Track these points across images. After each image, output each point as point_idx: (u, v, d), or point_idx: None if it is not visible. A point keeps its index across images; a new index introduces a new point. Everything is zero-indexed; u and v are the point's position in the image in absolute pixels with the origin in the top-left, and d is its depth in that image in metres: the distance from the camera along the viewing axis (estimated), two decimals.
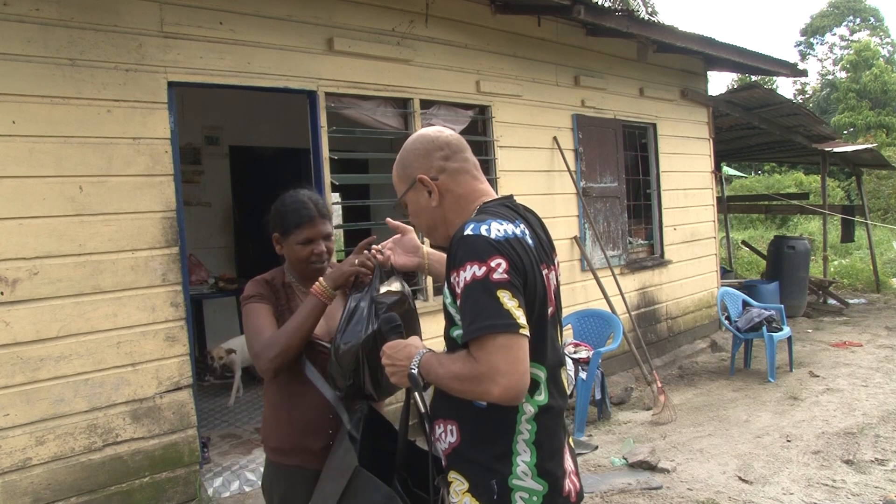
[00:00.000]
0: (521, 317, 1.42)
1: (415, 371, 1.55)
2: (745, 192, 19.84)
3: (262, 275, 2.24)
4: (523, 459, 1.54)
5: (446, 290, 1.55)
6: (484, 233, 1.48)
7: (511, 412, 1.54)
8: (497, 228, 1.49)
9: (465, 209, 1.65)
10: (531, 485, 1.53)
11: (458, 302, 1.48)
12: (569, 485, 1.62)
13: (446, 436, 1.60)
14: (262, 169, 7.22)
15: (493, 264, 1.43)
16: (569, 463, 1.65)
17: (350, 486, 1.76)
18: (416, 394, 1.61)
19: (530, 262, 1.52)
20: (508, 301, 1.42)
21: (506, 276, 1.43)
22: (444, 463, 1.64)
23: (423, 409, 1.64)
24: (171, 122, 3.73)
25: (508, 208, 1.62)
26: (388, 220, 2.09)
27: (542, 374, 1.56)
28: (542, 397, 1.56)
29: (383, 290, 1.93)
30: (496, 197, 1.67)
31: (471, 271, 1.44)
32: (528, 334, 1.43)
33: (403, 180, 1.71)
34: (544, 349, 1.57)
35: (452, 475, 1.59)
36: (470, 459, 1.56)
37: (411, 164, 1.70)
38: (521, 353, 1.41)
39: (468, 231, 1.49)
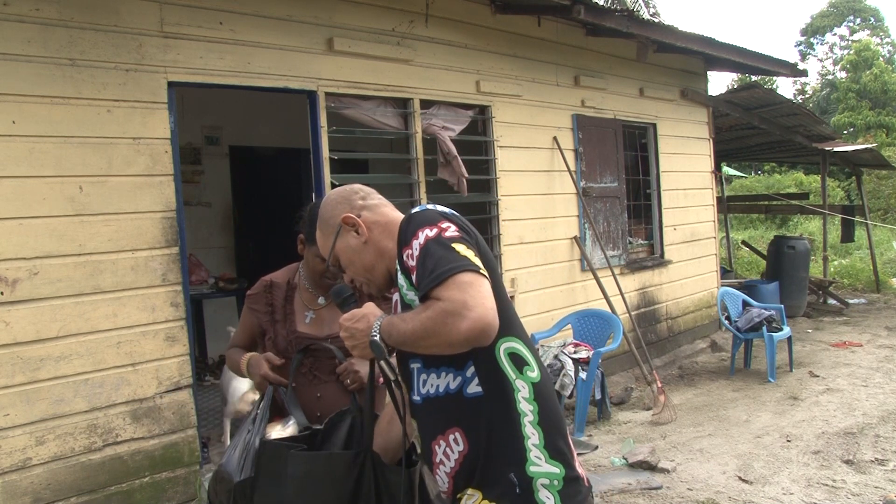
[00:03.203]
0: (479, 262, 1.42)
1: (377, 338, 1.47)
2: (745, 192, 19.82)
3: (273, 274, 2.35)
4: (533, 443, 1.50)
5: (401, 280, 1.54)
6: (430, 207, 1.55)
7: (508, 392, 1.50)
8: (441, 207, 1.57)
9: (395, 233, 1.61)
10: (548, 469, 1.50)
11: (415, 274, 1.46)
12: (579, 468, 1.59)
13: (452, 449, 1.54)
14: (262, 169, 7.22)
15: (443, 226, 1.48)
16: (573, 447, 1.62)
17: (260, 461, 1.80)
18: (382, 362, 1.55)
19: (478, 235, 1.56)
20: (465, 251, 1.43)
21: (457, 233, 1.47)
22: (449, 488, 1.57)
23: (391, 377, 1.59)
24: (171, 122, 3.73)
25: None
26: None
27: (524, 350, 1.54)
28: (534, 374, 1.54)
29: (275, 434, 1.96)
30: None
31: (423, 235, 1.46)
32: (488, 277, 1.42)
33: (329, 233, 1.69)
34: (518, 324, 1.57)
35: (465, 496, 1.54)
36: (483, 460, 1.51)
37: (332, 214, 1.69)
38: (485, 290, 1.38)
39: (414, 210, 1.55)
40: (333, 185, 4.46)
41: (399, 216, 1.68)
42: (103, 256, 3.48)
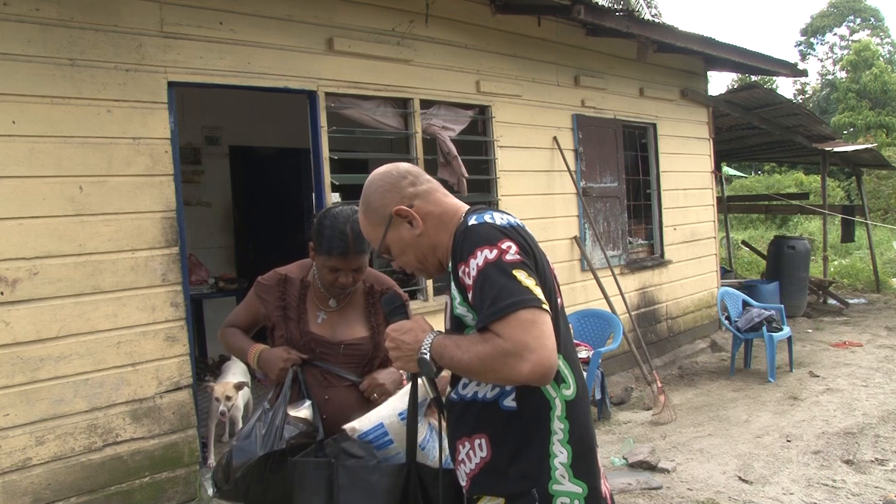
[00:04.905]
0: (540, 294, 1.39)
1: (426, 356, 1.47)
2: (745, 192, 19.83)
3: (287, 267, 2.34)
4: (560, 461, 1.48)
5: (454, 292, 1.50)
6: (488, 220, 1.47)
7: (543, 410, 1.49)
8: (499, 217, 1.50)
9: (450, 224, 1.57)
10: (571, 488, 1.48)
11: (471, 293, 1.43)
12: (604, 487, 1.58)
13: (475, 453, 1.53)
14: (262, 169, 7.22)
15: (503, 246, 1.42)
16: (600, 463, 1.61)
17: (296, 481, 1.82)
18: (425, 378, 1.54)
19: (537, 247, 1.51)
20: (526, 279, 1.39)
21: (518, 256, 1.41)
22: (466, 485, 1.57)
23: (432, 394, 1.59)
24: (171, 122, 3.73)
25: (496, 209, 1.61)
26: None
27: (563, 367, 1.52)
28: (570, 391, 1.52)
29: (294, 413, 2.01)
30: (475, 206, 1.63)
31: (482, 256, 1.41)
32: (549, 311, 1.39)
33: (378, 224, 1.61)
34: (565, 339, 1.54)
35: (483, 502, 1.54)
36: (505, 472, 1.50)
37: (381, 202, 1.60)
38: (547, 329, 1.35)
39: (472, 222, 1.47)
40: (333, 185, 4.46)
41: (453, 203, 1.63)
42: (103, 256, 3.48)
